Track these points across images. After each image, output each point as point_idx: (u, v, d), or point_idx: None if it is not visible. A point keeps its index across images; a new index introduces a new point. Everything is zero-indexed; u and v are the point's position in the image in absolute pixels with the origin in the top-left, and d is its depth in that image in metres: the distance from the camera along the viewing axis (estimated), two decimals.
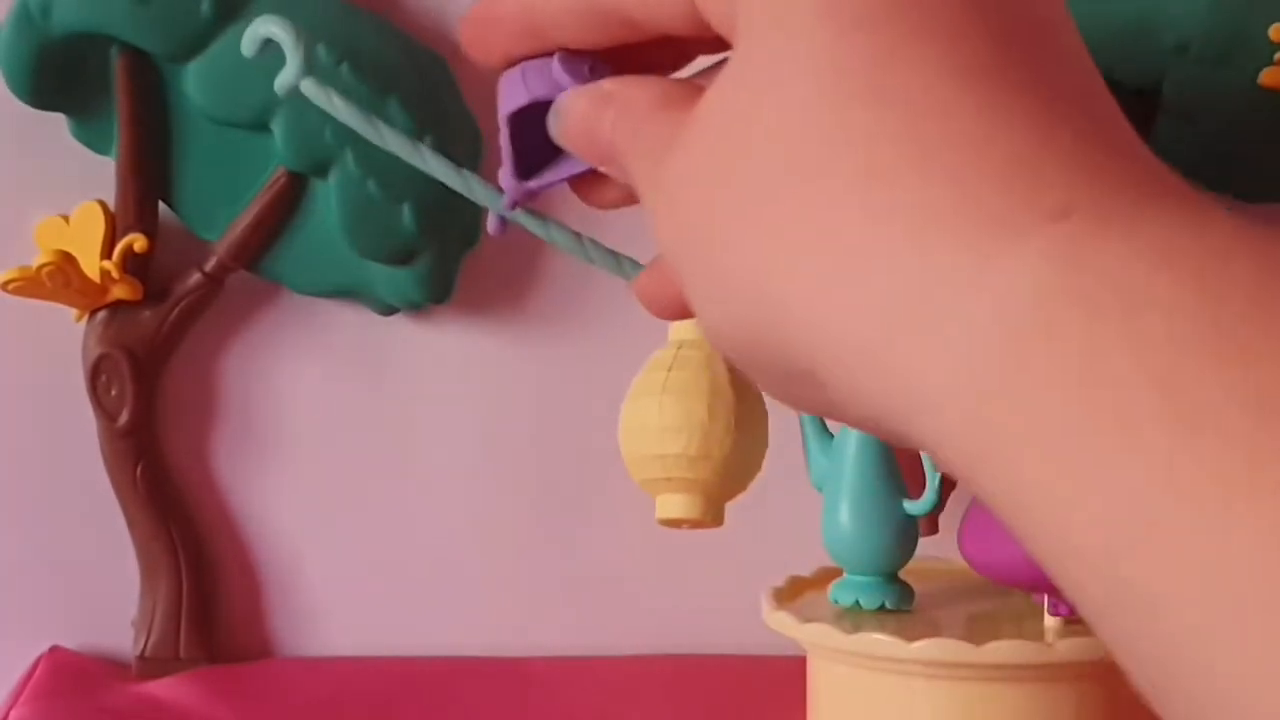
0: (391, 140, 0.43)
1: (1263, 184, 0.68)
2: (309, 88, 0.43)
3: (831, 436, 0.63)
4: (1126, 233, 0.25)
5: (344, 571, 0.75)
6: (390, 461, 0.74)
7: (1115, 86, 0.72)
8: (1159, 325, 0.23)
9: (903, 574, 0.62)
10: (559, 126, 0.35)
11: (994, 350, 0.25)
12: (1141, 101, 0.68)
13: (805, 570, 0.66)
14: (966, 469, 0.25)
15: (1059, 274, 0.24)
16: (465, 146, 0.71)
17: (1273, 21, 0.65)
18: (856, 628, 0.58)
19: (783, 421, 0.62)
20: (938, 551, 0.65)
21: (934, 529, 0.64)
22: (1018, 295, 0.24)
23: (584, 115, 0.34)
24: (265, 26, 0.45)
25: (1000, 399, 0.24)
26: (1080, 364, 0.23)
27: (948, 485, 0.61)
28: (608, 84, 0.34)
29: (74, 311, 0.70)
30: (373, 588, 0.75)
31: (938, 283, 0.25)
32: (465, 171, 0.41)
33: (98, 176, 0.70)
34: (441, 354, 0.73)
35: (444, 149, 0.68)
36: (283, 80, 0.43)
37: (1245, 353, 0.22)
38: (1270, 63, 0.65)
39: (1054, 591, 0.59)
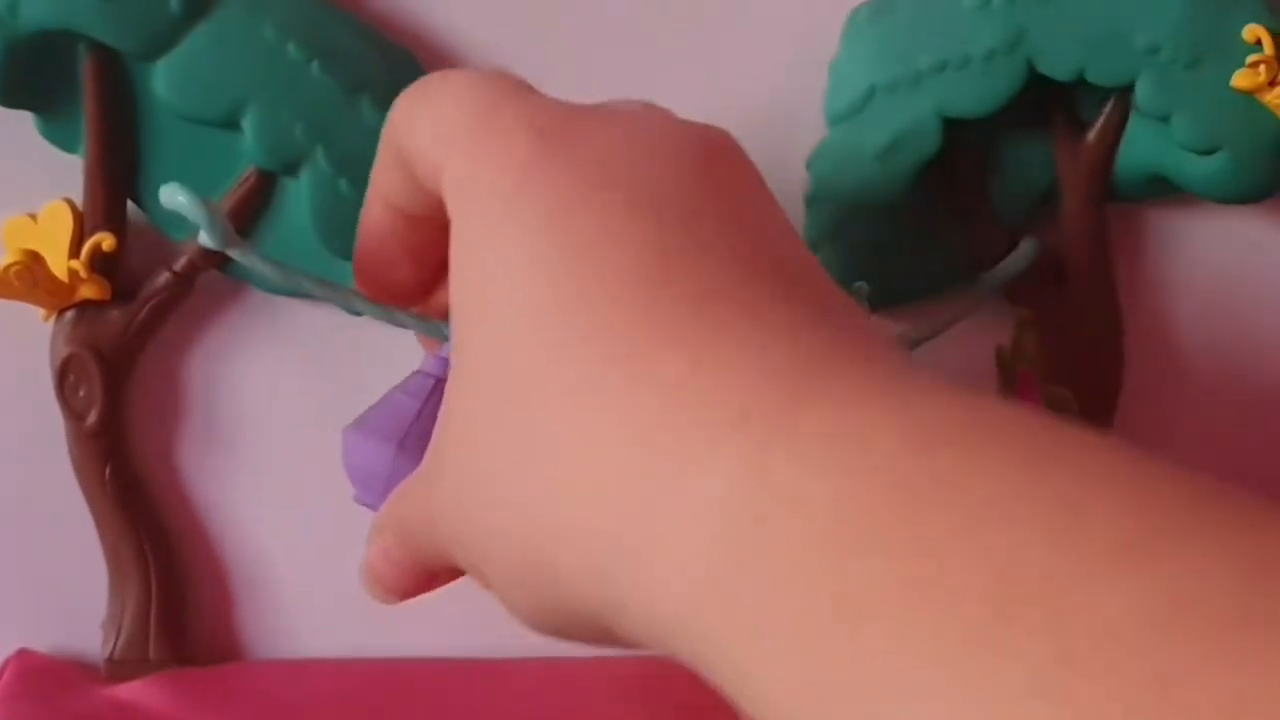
0: (324, 293, 0.50)
1: (1238, 187, 0.69)
2: (236, 254, 0.48)
3: None
4: (792, 435, 0.27)
5: (315, 573, 0.74)
6: None
7: (1088, 87, 0.73)
8: (805, 530, 0.25)
9: None
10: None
11: (696, 560, 0.28)
12: (1115, 102, 0.69)
13: None
14: (708, 677, 0.28)
15: (737, 488, 0.26)
16: None
17: (1245, 23, 0.66)
18: None
19: None
20: None
21: None
22: (707, 509, 0.27)
23: (376, 571, 0.44)
24: (172, 197, 0.48)
25: (705, 608, 0.27)
26: (753, 577, 0.25)
27: None
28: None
29: (42, 311, 0.70)
30: (344, 589, 0.74)
31: (652, 497, 0.28)
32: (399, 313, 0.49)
33: (65, 175, 0.69)
34: (413, 352, 0.73)
35: None
36: (207, 243, 0.49)
37: (880, 550, 0.24)
38: (1243, 64, 0.66)
39: None
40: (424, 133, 0.36)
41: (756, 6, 0.71)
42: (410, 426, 0.51)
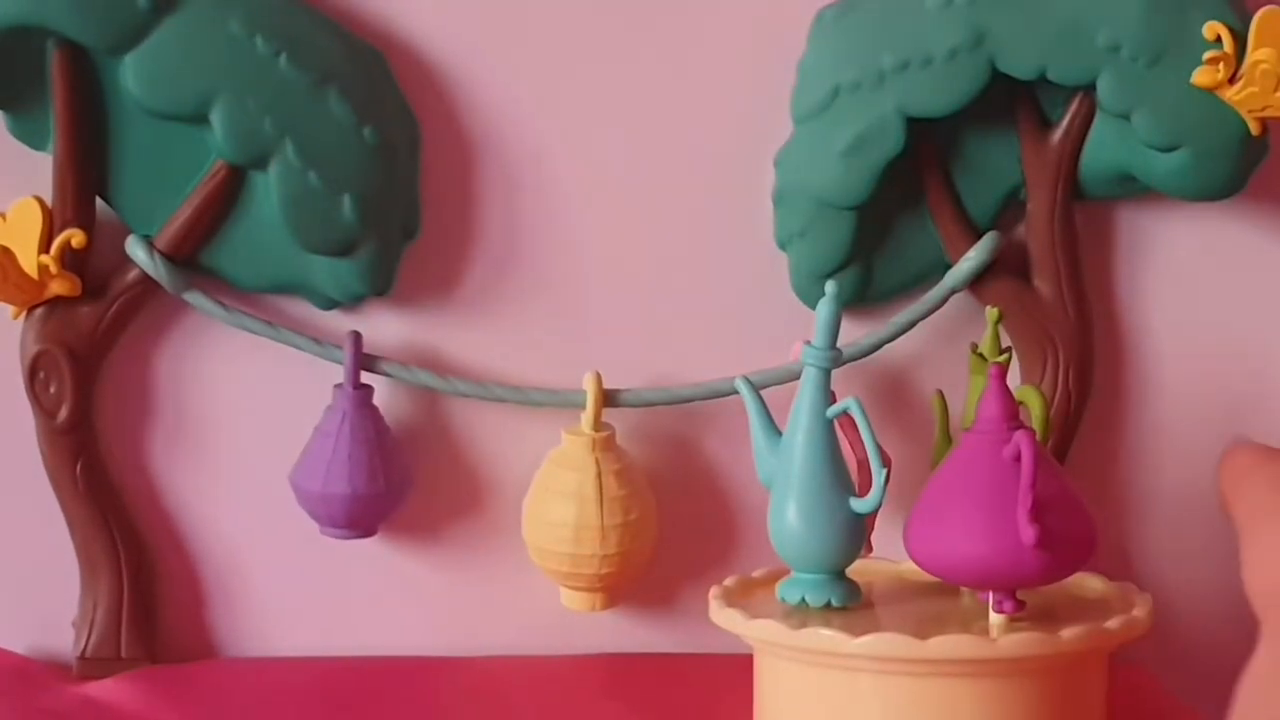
0: (262, 330, 0.58)
1: (1200, 184, 0.69)
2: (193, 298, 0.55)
3: (779, 434, 0.63)
4: None
5: (286, 570, 0.74)
6: None
7: (1052, 86, 0.74)
8: None
9: (851, 573, 0.63)
10: None
11: None
12: (1080, 100, 0.69)
13: (755, 567, 0.66)
14: None
15: None
16: (404, 137, 0.71)
17: (1206, 20, 0.66)
18: (802, 624, 0.58)
19: (738, 417, 0.63)
20: (887, 548, 0.65)
21: (869, 549, 0.64)
22: None
23: None
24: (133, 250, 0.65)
25: None
26: None
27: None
28: None
29: (11, 309, 0.70)
30: (315, 587, 0.74)
31: None
32: None
33: (34, 173, 0.69)
34: (383, 348, 0.73)
35: (384, 139, 0.69)
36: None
37: None
38: (1202, 61, 0.66)
39: (1000, 588, 0.59)
40: None
41: (726, 7, 0.71)
42: (329, 464, 0.69)
